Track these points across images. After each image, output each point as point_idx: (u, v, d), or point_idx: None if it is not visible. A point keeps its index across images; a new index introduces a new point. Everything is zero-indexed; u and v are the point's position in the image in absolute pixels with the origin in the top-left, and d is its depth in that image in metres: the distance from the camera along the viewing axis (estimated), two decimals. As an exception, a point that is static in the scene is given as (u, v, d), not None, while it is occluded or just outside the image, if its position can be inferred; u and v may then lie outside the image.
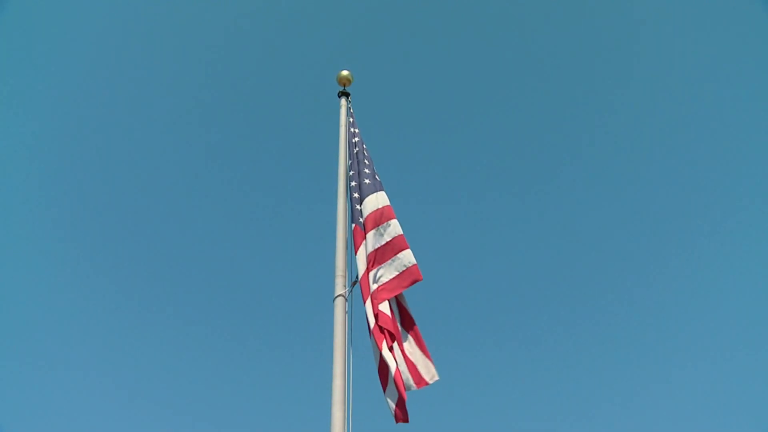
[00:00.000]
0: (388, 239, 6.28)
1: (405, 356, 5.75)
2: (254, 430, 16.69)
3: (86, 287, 18.63)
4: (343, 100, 8.06)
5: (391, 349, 5.67)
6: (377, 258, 6.21)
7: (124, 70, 20.63)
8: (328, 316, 5.96)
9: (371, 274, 6.11)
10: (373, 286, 6.02)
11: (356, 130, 7.67)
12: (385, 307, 5.88)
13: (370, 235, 6.37)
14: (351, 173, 7.14)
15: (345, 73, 8.21)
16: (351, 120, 7.82)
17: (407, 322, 6.05)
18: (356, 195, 6.84)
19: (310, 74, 21.73)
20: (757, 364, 15.87)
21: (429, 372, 5.73)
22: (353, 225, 6.60)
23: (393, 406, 5.50)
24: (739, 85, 19.40)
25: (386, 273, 6.09)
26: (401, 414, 5.48)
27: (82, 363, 17.06)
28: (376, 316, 5.81)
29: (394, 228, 6.36)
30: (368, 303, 5.88)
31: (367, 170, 7.07)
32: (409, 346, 5.88)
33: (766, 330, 16.41)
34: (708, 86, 20.37)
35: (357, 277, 6.24)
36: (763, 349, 16.06)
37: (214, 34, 21.79)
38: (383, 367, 5.64)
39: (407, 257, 6.10)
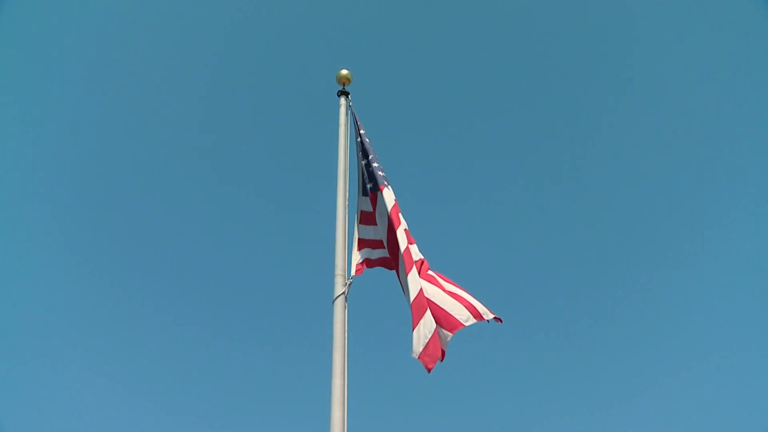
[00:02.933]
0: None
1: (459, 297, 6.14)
2: (254, 430, 16.71)
3: (87, 287, 18.68)
4: (342, 100, 8.07)
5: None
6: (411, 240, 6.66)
7: (123, 69, 20.70)
8: (328, 315, 6.01)
9: (411, 248, 6.49)
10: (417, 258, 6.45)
11: (360, 123, 7.88)
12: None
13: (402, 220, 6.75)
14: (370, 156, 7.41)
15: (344, 72, 8.22)
16: (355, 118, 7.92)
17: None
18: (381, 173, 7.19)
19: (309, 74, 21.77)
20: (757, 364, 15.90)
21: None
22: (394, 201, 6.87)
23: (420, 346, 5.52)
24: (740, 85, 19.43)
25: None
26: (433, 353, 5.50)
27: (82, 363, 17.10)
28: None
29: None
30: (413, 273, 6.14)
31: (376, 163, 7.36)
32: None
33: (765, 330, 16.44)
34: (708, 86, 20.40)
35: (396, 252, 6.60)
36: (763, 349, 16.09)
37: (214, 34, 21.84)
38: (420, 303, 5.84)
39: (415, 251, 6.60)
